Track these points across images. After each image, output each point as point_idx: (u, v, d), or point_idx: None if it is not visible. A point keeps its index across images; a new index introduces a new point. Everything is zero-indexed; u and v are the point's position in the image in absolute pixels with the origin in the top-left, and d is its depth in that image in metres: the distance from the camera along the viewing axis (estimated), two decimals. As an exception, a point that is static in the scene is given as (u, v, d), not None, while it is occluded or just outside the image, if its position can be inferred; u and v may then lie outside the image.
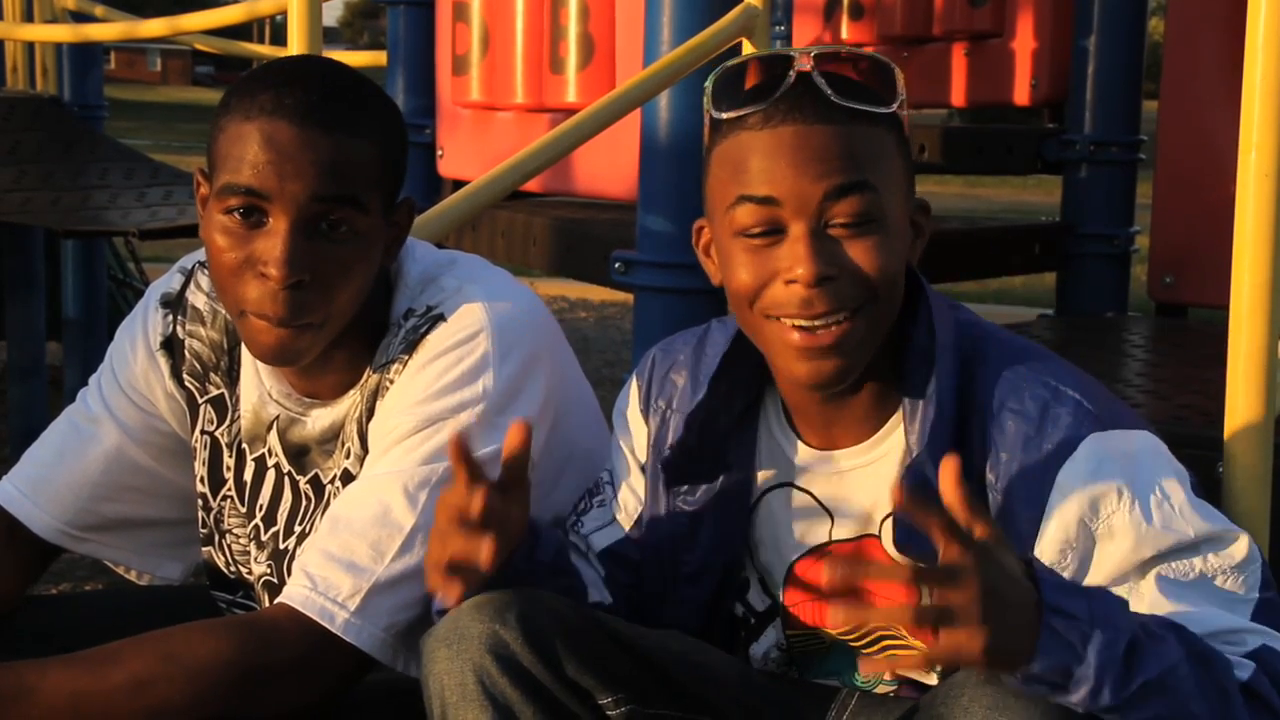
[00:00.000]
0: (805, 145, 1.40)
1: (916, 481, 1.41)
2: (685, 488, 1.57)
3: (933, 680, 1.49)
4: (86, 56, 5.28)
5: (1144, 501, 1.37)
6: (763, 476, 1.56)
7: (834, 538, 1.53)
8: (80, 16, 5.05)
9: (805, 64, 1.43)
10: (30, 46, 5.25)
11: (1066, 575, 1.38)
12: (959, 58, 4.23)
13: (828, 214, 1.40)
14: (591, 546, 1.63)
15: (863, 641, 1.53)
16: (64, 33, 4.88)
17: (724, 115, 1.46)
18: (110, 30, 4.83)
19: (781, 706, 1.51)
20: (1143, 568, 1.38)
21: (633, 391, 1.65)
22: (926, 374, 1.43)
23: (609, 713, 1.40)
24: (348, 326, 1.60)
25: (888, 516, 1.48)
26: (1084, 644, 1.21)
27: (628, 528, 1.63)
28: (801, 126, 1.41)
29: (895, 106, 1.43)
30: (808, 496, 1.53)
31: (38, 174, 4.67)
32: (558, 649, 1.37)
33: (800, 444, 1.54)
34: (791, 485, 1.55)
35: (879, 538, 1.50)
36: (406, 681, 1.53)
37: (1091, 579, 1.38)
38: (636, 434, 1.64)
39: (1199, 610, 1.34)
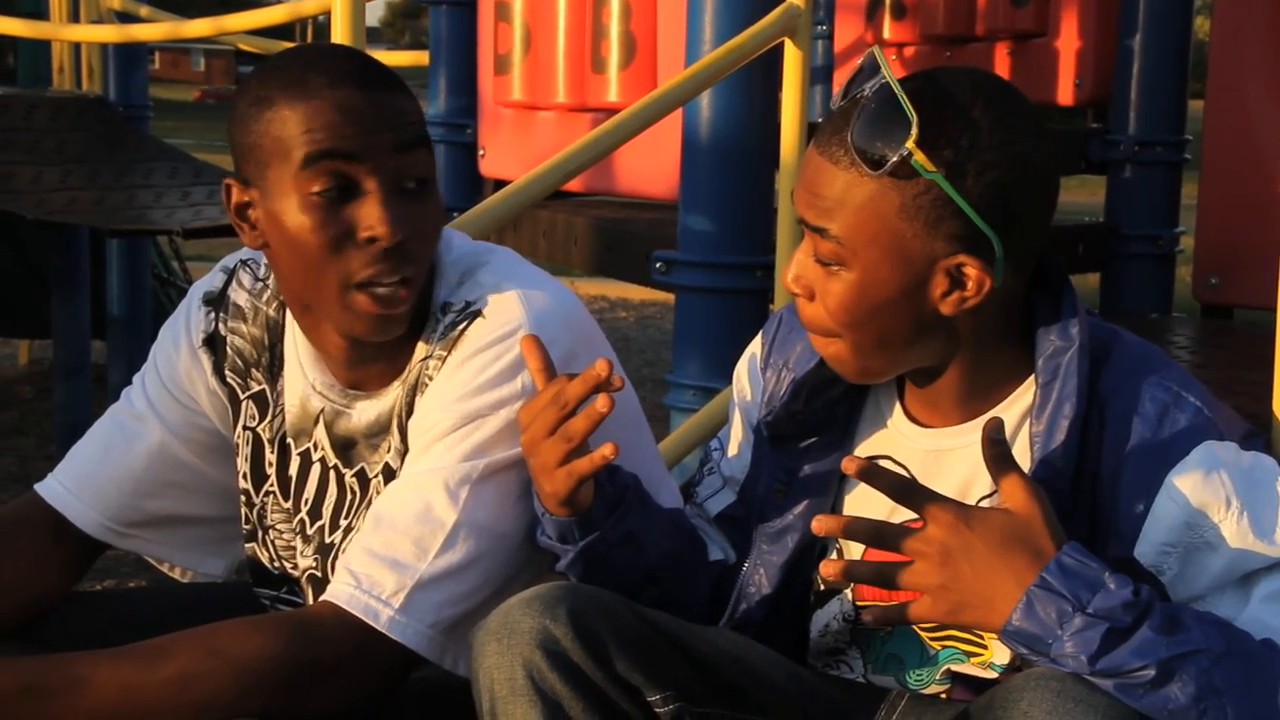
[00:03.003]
0: (816, 179, 1.46)
1: (1044, 476, 1.42)
2: (788, 447, 1.60)
3: (990, 672, 1.49)
4: (131, 57, 5.32)
5: (1252, 515, 1.38)
6: (862, 446, 1.58)
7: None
8: (125, 17, 5.09)
9: (868, 89, 1.42)
10: (76, 47, 5.30)
11: (1166, 578, 1.40)
12: (1002, 57, 4.21)
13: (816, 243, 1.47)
14: (707, 513, 1.69)
15: (931, 625, 1.52)
16: (110, 33, 4.92)
17: None
18: (155, 30, 4.86)
19: (830, 706, 1.51)
20: (1243, 581, 1.39)
21: (756, 347, 1.68)
22: (1059, 369, 1.45)
23: (658, 710, 1.40)
24: None
25: (983, 498, 1.49)
26: (1062, 623, 1.28)
27: (736, 489, 1.67)
28: (815, 157, 1.46)
29: (886, 170, 1.40)
30: (903, 471, 1.53)
31: (83, 173, 4.71)
32: (608, 645, 1.37)
33: (905, 419, 1.56)
34: (889, 458, 1.56)
35: None
36: (452, 679, 1.53)
37: (1190, 587, 1.40)
38: (754, 389, 1.67)
39: None
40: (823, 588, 1.60)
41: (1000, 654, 1.49)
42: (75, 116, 5.00)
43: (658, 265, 3.08)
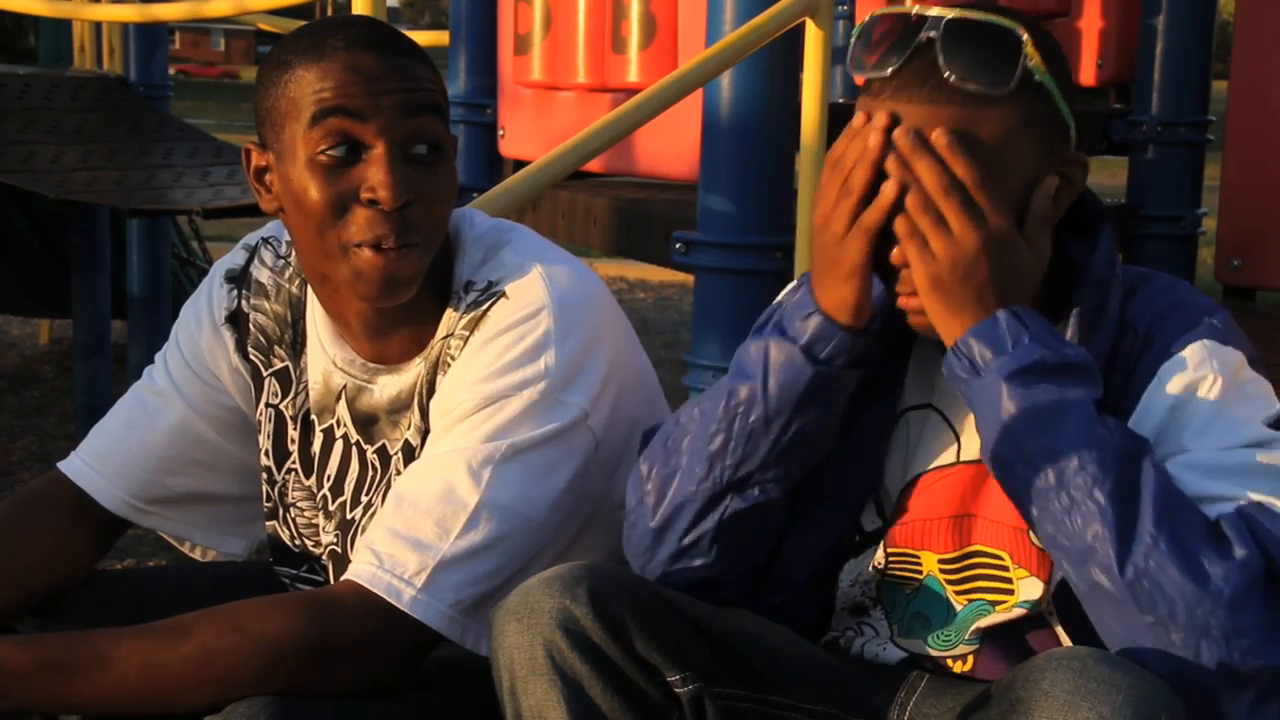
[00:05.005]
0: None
1: None
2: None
3: (1019, 610, 1.50)
4: (152, 36, 5.32)
5: (1227, 409, 1.41)
6: (906, 396, 1.58)
7: (961, 459, 1.54)
8: (146, -4, 5.08)
9: (932, 32, 1.41)
10: (97, 26, 5.30)
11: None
12: (1024, 37, 4.19)
13: None
14: None
15: (958, 575, 1.53)
16: (130, 13, 4.92)
17: (857, 73, 1.48)
18: (176, 10, 4.86)
19: (850, 687, 1.51)
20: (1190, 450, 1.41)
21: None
22: (1103, 298, 1.47)
23: (676, 690, 1.40)
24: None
25: None
26: (1010, 345, 1.37)
27: None
28: (904, 107, 1.42)
29: (1013, 86, 1.41)
30: (940, 418, 1.55)
31: (104, 153, 4.71)
32: (628, 625, 1.37)
33: (944, 365, 1.55)
34: (930, 407, 1.56)
35: None
36: (471, 658, 1.53)
37: (1161, 451, 1.42)
38: None
39: (1220, 474, 1.38)
40: (859, 539, 1.60)
41: (1027, 590, 1.49)
42: (96, 96, 5.01)
43: (677, 246, 3.07)
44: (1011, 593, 1.51)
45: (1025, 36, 1.40)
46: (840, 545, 1.59)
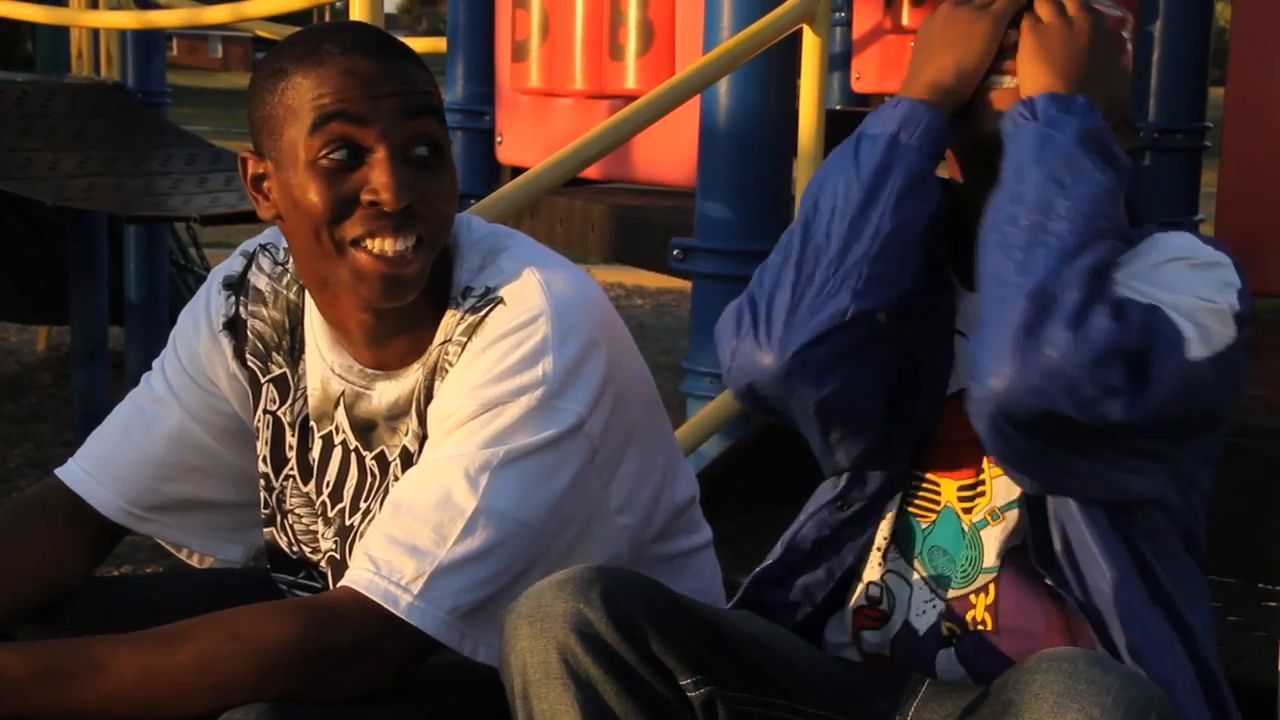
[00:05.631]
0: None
1: None
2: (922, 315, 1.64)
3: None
4: (150, 43, 5.33)
5: (1202, 277, 1.49)
6: (956, 320, 1.63)
7: None
8: (144, 3, 5.10)
9: None
10: (95, 33, 5.31)
11: None
12: (1022, 44, 4.19)
13: None
14: None
15: (972, 499, 1.57)
16: (128, 19, 4.92)
17: None
18: (174, 16, 4.87)
19: (854, 692, 1.51)
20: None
21: None
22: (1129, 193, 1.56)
23: (689, 694, 1.40)
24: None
25: None
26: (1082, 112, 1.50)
27: None
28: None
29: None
30: (964, 341, 1.59)
31: (101, 160, 4.72)
32: (642, 627, 1.38)
33: (964, 290, 1.61)
34: (960, 333, 1.61)
35: None
36: (471, 664, 1.53)
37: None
38: None
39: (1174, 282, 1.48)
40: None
41: (1003, 490, 1.56)
42: (93, 103, 5.01)
43: (675, 252, 3.07)
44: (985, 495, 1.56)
45: None
46: (904, 462, 1.62)
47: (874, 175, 1.54)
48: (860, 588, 1.63)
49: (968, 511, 1.58)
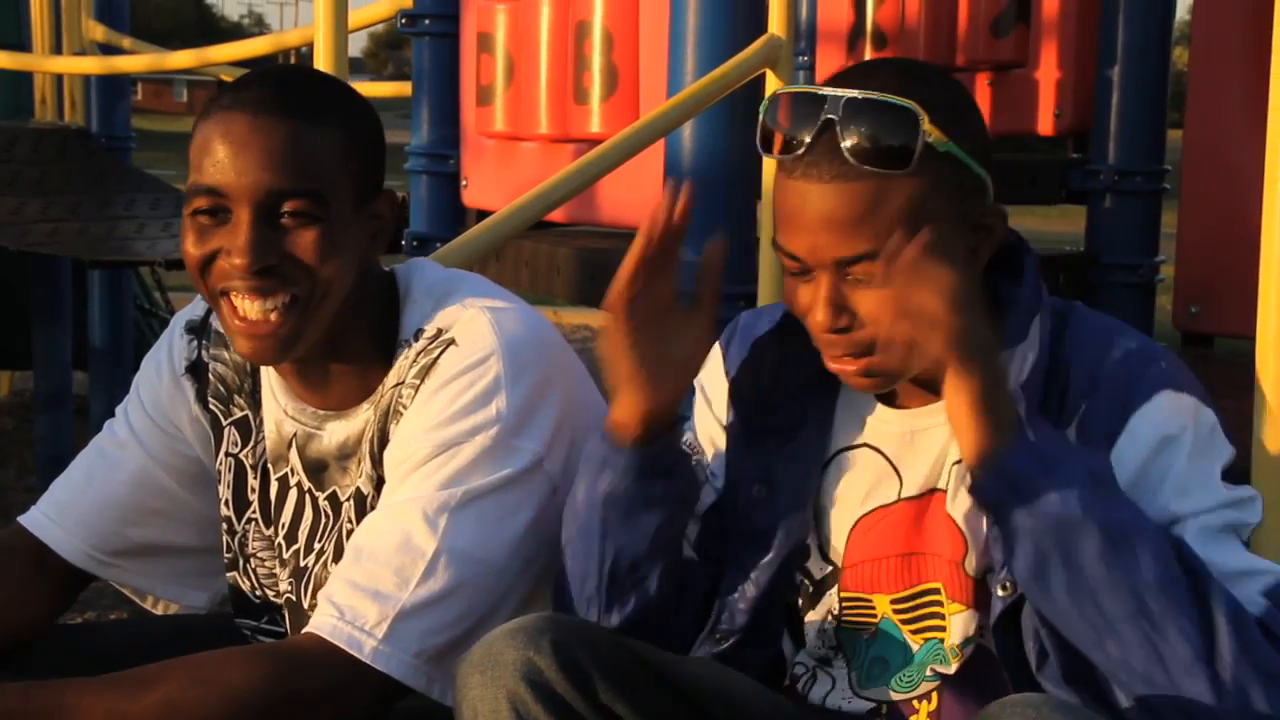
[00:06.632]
0: (835, 213, 1.44)
1: None
2: (763, 445, 1.60)
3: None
4: (114, 88, 5.32)
5: (1195, 465, 1.45)
6: (838, 439, 1.59)
7: (903, 496, 1.54)
8: (108, 49, 5.09)
9: (832, 114, 1.44)
10: (59, 78, 5.29)
11: None
12: (982, 87, 4.23)
13: (845, 271, 1.46)
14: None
15: (912, 615, 1.53)
16: (92, 64, 4.92)
17: (766, 153, 1.51)
18: (138, 62, 4.87)
19: (813, 737, 1.51)
20: (1175, 519, 1.44)
21: (716, 358, 1.68)
22: (1026, 325, 1.50)
23: None
24: (348, 335, 1.61)
25: (955, 463, 1.51)
26: (1061, 457, 1.37)
27: (714, 490, 1.65)
28: (817, 185, 1.45)
29: (913, 164, 1.42)
30: (880, 457, 1.56)
31: (65, 204, 4.70)
32: (591, 676, 1.37)
33: (880, 405, 1.57)
34: (866, 446, 1.57)
35: (944, 489, 1.52)
36: (438, 708, 1.53)
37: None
38: (717, 395, 1.67)
39: (1225, 550, 1.42)
40: (811, 588, 1.60)
41: (961, 626, 1.51)
42: (57, 148, 5.00)
43: (641, 295, 3.07)
44: (944, 629, 1.52)
45: (922, 114, 1.42)
46: (776, 591, 1.59)
47: (585, 512, 1.53)
48: (791, 676, 1.62)
49: (908, 624, 1.54)
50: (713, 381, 1.68)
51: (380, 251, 1.67)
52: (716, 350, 1.69)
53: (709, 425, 1.68)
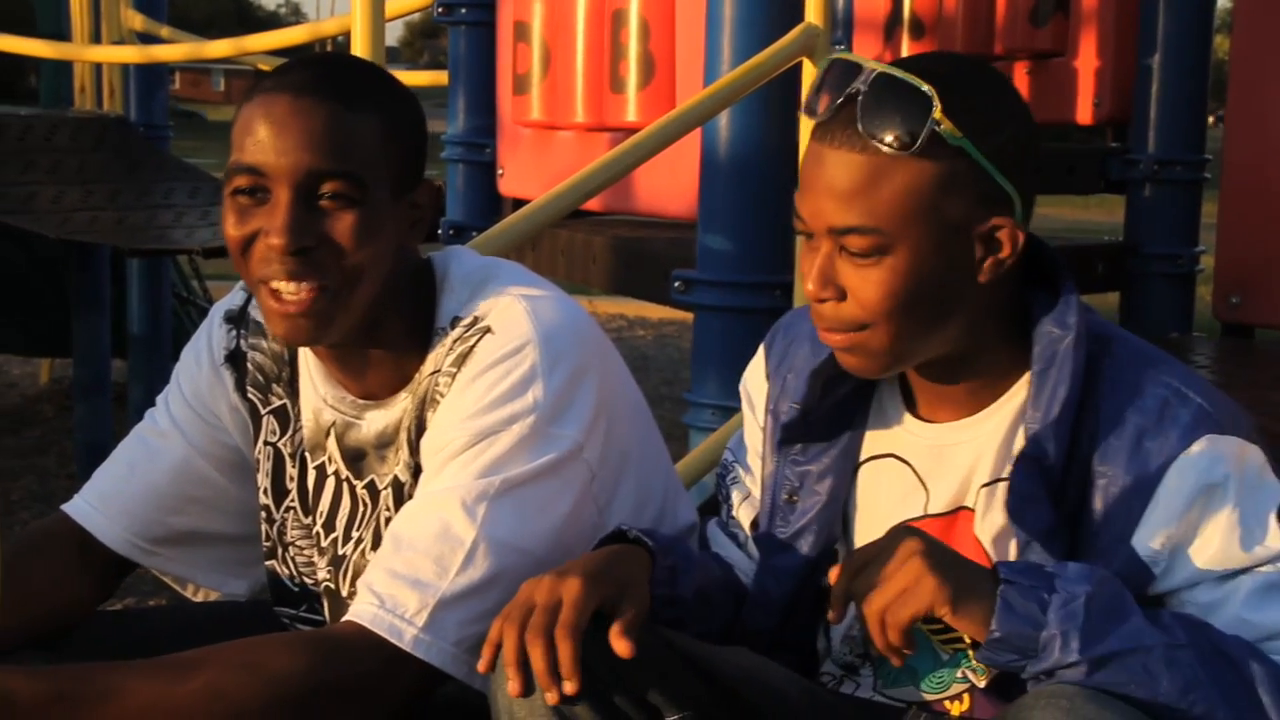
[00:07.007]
0: (835, 180, 1.44)
1: (1036, 454, 1.44)
2: (797, 449, 1.60)
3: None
4: (152, 77, 5.35)
5: (1243, 514, 1.41)
6: (868, 446, 1.59)
7: (929, 511, 1.53)
8: (147, 38, 5.12)
9: (861, 85, 1.44)
10: (98, 68, 5.33)
11: (1160, 567, 1.42)
12: (1021, 76, 4.21)
13: (840, 242, 1.45)
14: (739, 523, 1.70)
15: (940, 625, 1.50)
16: (131, 54, 4.95)
17: (806, 114, 1.51)
18: (176, 51, 4.89)
19: (846, 726, 1.50)
20: (1221, 579, 1.41)
21: (759, 357, 1.70)
22: (1055, 356, 1.46)
23: None
24: (384, 320, 1.61)
25: (984, 486, 1.50)
26: (1043, 609, 1.32)
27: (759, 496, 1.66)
28: (830, 151, 1.45)
29: (919, 146, 1.41)
30: (908, 469, 1.55)
31: (104, 193, 4.73)
32: (627, 666, 1.37)
33: (908, 415, 1.57)
34: (893, 456, 1.57)
35: (973, 509, 1.51)
36: (475, 695, 1.53)
37: (1170, 579, 1.43)
38: (758, 397, 1.68)
39: (1275, 612, 1.39)
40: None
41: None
42: (97, 137, 5.03)
43: (676, 284, 3.08)
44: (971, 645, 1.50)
45: (936, 102, 1.40)
46: (806, 601, 1.59)
47: None
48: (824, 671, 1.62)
49: (937, 634, 1.53)
50: (755, 381, 1.70)
51: (419, 240, 1.67)
52: (760, 353, 1.70)
53: (755, 436, 1.69)
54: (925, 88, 1.41)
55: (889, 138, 1.41)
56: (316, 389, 1.72)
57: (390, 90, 1.62)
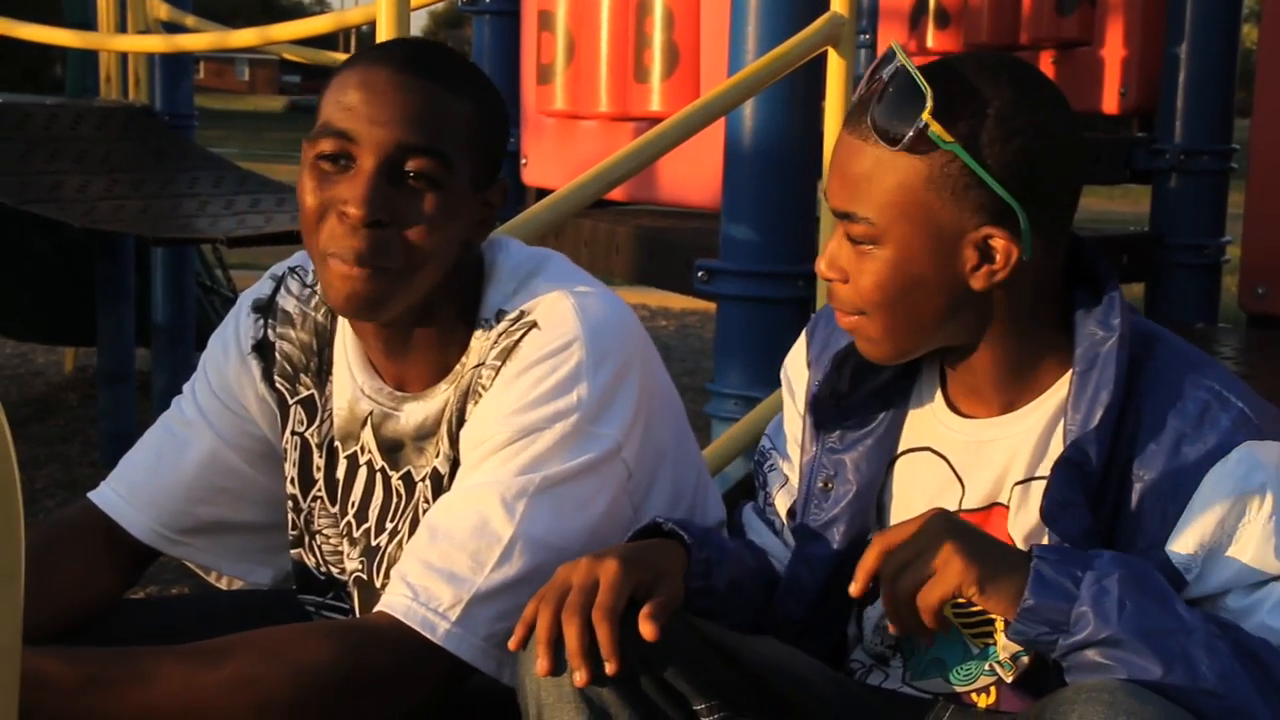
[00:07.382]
0: (846, 163, 1.48)
1: (1076, 459, 1.43)
2: (835, 436, 1.61)
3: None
4: (177, 66, 5.36)
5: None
6: (905, 439, 1.59)
7: (964, 506, 1.53)
8: (172, 27, 5.12)
9: (887, 78, 1.45)
10: (123, 57, 5.34)
11: (1191, 577, 1.41)
12: (1047, 65, 4.20)
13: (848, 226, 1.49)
14: (776, 511, 1.70)
15: (971, 619, 1.52)
16: (156, 43, 4.95)
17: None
18: (201, 40, 4.90)
19: (875, 717, 1.50)
20: (1253, 587, 1.40)
21: (800, 344, 1.70)
22: (1097, 358, 1.45)
23: (703, 719, 1.40)
24: (436, 306, 1.61)
25: (1018, 484, 1.50)
26: (1075, 584, 1.32)
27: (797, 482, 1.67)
28: (845, 135, 1.48)
29: (906, 143, 1.41)
30: (944, 463, 1.55)
31: (129, 182, 4.74)
32: (655, 653, 1.37)
33: (948, 409, 1.57)
34: (930, 450, 1.57)
35: (1007, 506, 1.51)
36: (502, 688, 1.53)
37: (1203, 584, 1.41)
38: (798, 384, 1.68)
39: None
40: (871, 584, 1.59)
41: (1011, 647, 1.49)
42: (121, 126, 5.04)
43: (699, 274, 3.08)
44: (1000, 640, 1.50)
45: (929, 101, 1.39)
46: (837, 583, 1.58)
47: None
48: (847, 670, 1.62)
49: (968, 627, 1.52)
50: (796, 368, 1.70)
51: (482, 238, 1.67)
52: (802, 340, 1.70)
53: (795, 424, 1.70)
54: (922, 86, 1.41)
55: (886, 132, 1.43)
56: (354, 377, 1.72)
57: (484, 83, 1.64)
